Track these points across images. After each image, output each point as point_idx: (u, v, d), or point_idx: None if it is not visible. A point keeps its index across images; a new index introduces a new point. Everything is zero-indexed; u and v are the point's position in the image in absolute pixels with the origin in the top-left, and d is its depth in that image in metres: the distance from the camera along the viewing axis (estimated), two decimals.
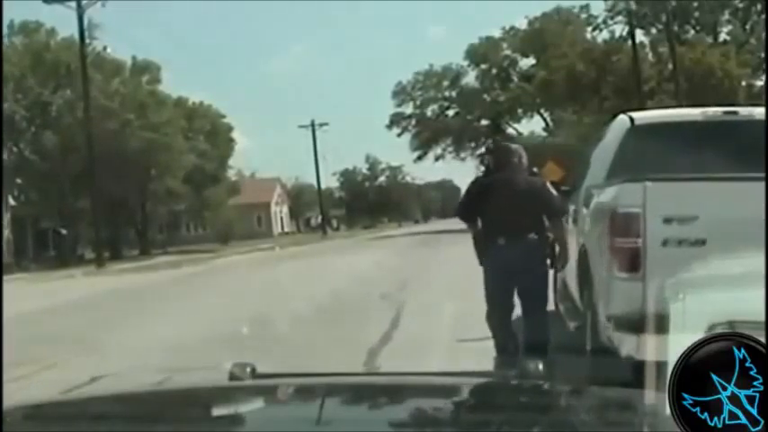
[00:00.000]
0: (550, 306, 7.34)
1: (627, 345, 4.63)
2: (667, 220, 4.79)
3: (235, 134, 55.36)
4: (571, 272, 6.90)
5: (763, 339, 1.24)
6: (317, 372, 2.23)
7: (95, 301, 16.83)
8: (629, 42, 40.19)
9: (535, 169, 7.31)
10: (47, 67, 41.46)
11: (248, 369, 2.03)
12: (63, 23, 66.79)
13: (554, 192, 7.00)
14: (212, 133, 51.71)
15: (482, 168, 68.03)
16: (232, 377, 2.03)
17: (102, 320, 12.61)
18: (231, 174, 59.17)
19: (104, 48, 41.59)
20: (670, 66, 38.37)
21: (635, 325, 4.43)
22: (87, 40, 37.21)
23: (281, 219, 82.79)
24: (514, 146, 7.52)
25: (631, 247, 4.86)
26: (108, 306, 15.72)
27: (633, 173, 5.16)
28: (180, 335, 9.77)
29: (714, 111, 6.45)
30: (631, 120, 6.42)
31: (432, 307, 10.61)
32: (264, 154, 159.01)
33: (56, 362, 8.39)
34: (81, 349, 9.07)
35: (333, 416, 1.83)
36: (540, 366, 1.96)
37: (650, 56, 43.16)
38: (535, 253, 6.64)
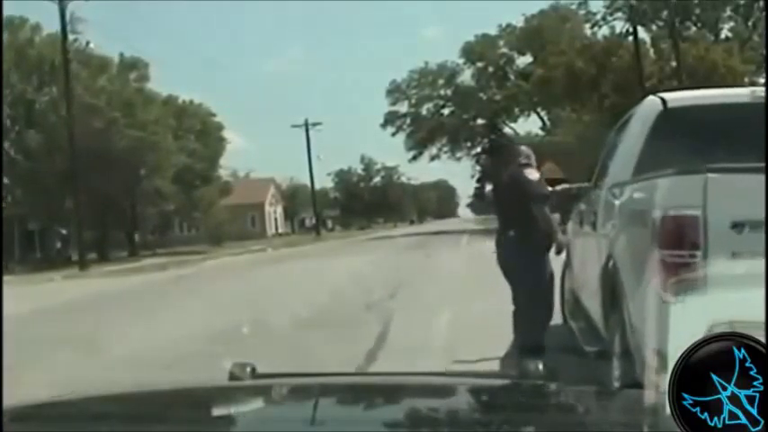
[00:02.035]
0: (552, 311, 7.00)
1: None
2: (737, 226, 3.60)
3: (231, 135, 55.61)
4: (589, 287, 5.93)
5: (763, 339, 1.25)
6: (317, 372, 2.26)
7: (58, 310, 15.81)
8: (629, 39, 40.25)
9: (523, 161, 6.95)
10: (31, 64, 41.28)
11: (248, 369, 2.06)
12: (49, 19, 66.69)
13: (531, 177, 6.80)
14: (203, 132, 51.59)
15: (478, 169, 68.29)
16: (232, 377, 2.05)
17: (53, 335, 11.02)
18: (226, 174, 59.21)
19: (87, 43, 41.25)
20: (672, 63, 38.42)
21: None
22: (71, 35, 36.91)
23: (276, 219, 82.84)
24: (508, 144, 7.63)
25: (687, 263, 3.64)
26: (70, 316, 14.62)
27: (666, 167, 4.05)
28: (139, 351, 9.04)
29: (763, 90, 5.33)
30: (663, 102, 5.34)
31: (424, 319, 9.81)
32: (260, 154, 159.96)
33: None
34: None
35: (333, 416, 1.86)
36: (540, 366, 1.99)
37: (651, 52, 43.19)
38: (519, 248, 6.62)
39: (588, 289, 6.00)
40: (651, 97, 5.57)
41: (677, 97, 5.59)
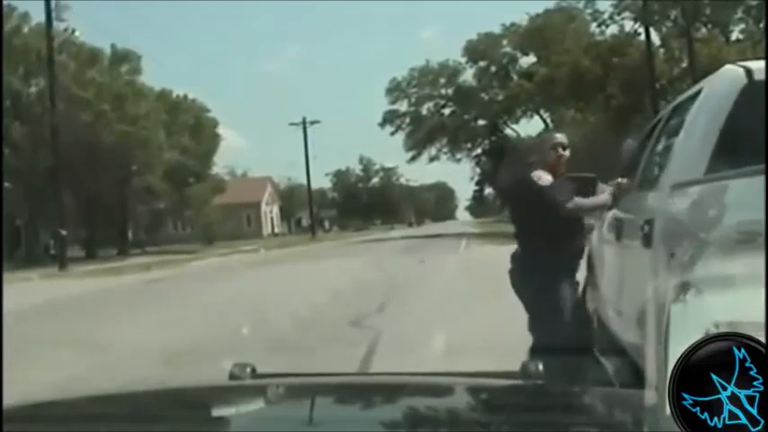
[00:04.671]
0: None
1: None
2: None
3: (229, 133, 55.68)
4: (633, 321, 4.61)
5: (763, 339, 1.27)
6: (316, 371, 2.31)
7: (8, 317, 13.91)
8: (638, 38, 40.23)
9: (533, 159, 5.88)
10: (17, 54, 41.07)
11: (248, 369, 2.11)
12: (38, 8, 66.60)
13: (544, 180, 5.59)
14: (196, 128, 51.45)
15: (478, 171, 68.29)
16: (232, 377, 2.10)
17: None
18: (223, 172, 59.22)
19: (72, 31, 40.77)
20: (682, 63, 38.42)
21: None
22: (61, 24, 36.49)
23: (272, 219, 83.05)
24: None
25: None
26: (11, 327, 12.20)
27: (757, 159, 3.01)
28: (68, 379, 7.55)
29: None
30: (748, 73, 4.06)
31: (416, 339, 8.82)
32: (259, 154, 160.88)
33: None
34: None
35: (334, 416, 1.90)
36: (540, 366, 2.03)
37: (661, 52, 43.15)
38: (540, 267, 5.56)
39: (631, 322, 4.73)
40: (729, 67, 4.35)
41: (764, 67, 4.17)
